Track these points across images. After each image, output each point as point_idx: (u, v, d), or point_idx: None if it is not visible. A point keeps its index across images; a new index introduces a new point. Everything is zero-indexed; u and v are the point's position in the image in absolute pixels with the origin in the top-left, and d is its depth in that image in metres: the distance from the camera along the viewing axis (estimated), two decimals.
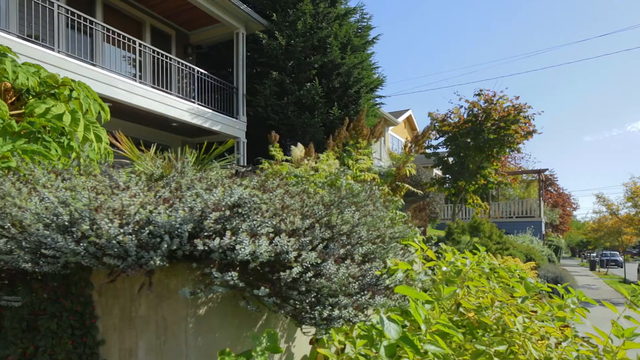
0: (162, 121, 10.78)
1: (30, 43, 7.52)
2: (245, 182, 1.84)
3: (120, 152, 3.57)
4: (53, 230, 1.51)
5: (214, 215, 1.53)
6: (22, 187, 1.78)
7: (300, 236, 1.77)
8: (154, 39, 11.44)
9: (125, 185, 1.66)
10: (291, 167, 3.71)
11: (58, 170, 2.34)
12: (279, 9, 11.26)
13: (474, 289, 3.65)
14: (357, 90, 12.57)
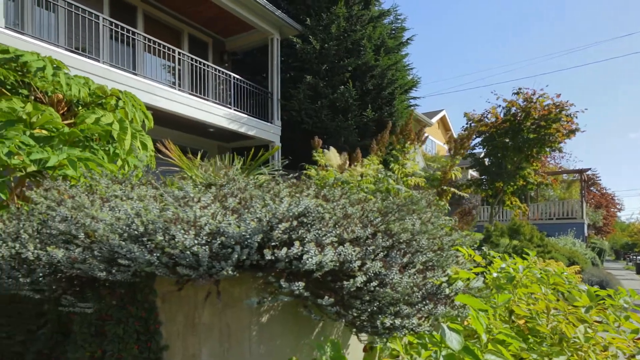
0: (199, 127, 11.03)
1: (78, 55, 7.85)
2: (311, 192, 1.85)
3: (170, 159, 3.67)
4: (126, 241, 1.56)
5: (283, 226, 1.54)
6: (96, 198, 1.85)
7: (361, 245, 1.76)
8: (192, 47, 11.72)
9: (197, 197, 1.69)
10: (337, 172, 3.71)
11: (119, 180, 2.42)
12: (312, 14, 11.31)
13: (523, 295, 3.53)
14: (391, 92, 12.47)
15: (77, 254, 1.65)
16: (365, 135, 12.98)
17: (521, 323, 3.35)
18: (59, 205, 1.77)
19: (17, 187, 4.08)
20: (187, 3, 10.68)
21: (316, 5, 11.29)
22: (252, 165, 3.66)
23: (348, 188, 3.14)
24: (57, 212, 1.69)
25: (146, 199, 2.13)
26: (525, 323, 3.35)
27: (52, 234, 1.79)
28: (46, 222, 1.76)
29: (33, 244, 1.63)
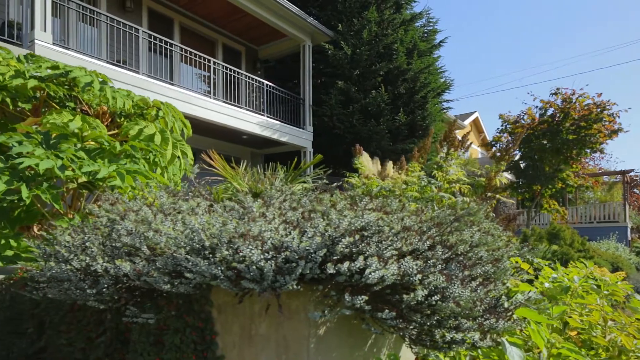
0: (233, 134, 11.21)
1: (118, 67, 8.13)
2: (371, 205, 1.84)
3: (214, 169, 3.74)
4: (190, 254, 1.59)
5: (346, 241, 1.54)
6: (156, 211, 1.90)
7: (420, 257, 1.74)
8: (226, 56, 11.95)
9: (260, 212, 1.71)
10: (378, 179, 3.68)
11: (172, 191, 2.48)
12: (344, 19, 11.34)
13: (575, 306, 3.40)
14: (424, 96, 12.32)
15: (141, 266, 1.69)
16: (397, 139, 12.88)
17: (573, 335, 3.22)
18: (122, 219, 1.83)
19: (76, 199, 4.25)
20: (222, 14, 10.91)
21: (347, 11, 11.31)
22: (294, 173, 3.68)
23: (393, 197, 3.11)
24: (122, 226, 1.74)
25: (200, 210, 2.18)
26: (577, 335, 3.22)
27: (115, 246, 1.85)
28: (110, 235, 1.82)
29: (102, 257, 1.69)
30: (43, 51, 6.71)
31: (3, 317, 3.08)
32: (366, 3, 11.28)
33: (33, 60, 5.82)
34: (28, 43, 6.68)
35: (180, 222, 1.80)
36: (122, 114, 6.11)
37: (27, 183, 3.52)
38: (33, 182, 3.57)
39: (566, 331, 3.25)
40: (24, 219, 3.94)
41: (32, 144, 3.71)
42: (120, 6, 9.30)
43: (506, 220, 3.87)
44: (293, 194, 3.04)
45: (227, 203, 1.86)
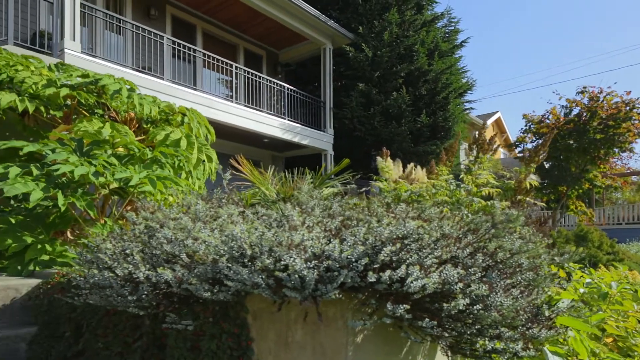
0: (254, 138, 11.30)
1: (143, 74, 8.29)
2: (413, 214, 1.83)
3: (242, 174, 3.77)
4: (231, 262, 1.61)
5: (388, 250, 1.53)
6: (193, 218, 1.93)
7: (457, 265, 1.71)
8: (247, 61, 12.07)
9: (301, 220, 1.72)
10: (406, 183, 3.65)
11: (205, 197, 2.51)
12: (364, 21, 11.31)
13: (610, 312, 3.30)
14: (446, 96, 12.20)
15: (181, 274, 1.72)
16: (418, 141, 12.77)
17: (609, 341, 3.13)
18: (162, 226, 1.86)
19: (106, 204, 4.35)
20: (243, 19, 11.03)
21: (368, 13, 11.28)
22: (321, 178, 3.68)
23: (424, 202, 3.08)
24: (162, 234, 1.77)
25: (234, 217, 2.19)
26: (613, 341, 3.13)
27: (154, 254, 1.88)
28: (149, 242, 1.85)
29: (143, 265, 1.72)
30: (72, 60, 6.89)
31: (41, 321, 3.16)
32: (387, 5, 11.24)
33: (63, 69, 5.99)
34: (58, 52, 6.87)
35: (218, 230, 1.81)
36: (148, 119, 6.23)
37: (62, 190, 3.62)
38: (67, 189, 3.66)
39: (603, 338, 3.16)
40: (58, 224, 4.05)
41: (66, 151, 3.81)
42: (145, 14, 9.50)
43: (538, 223, 3.79)
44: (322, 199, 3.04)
45: (265, 211, 1.87)
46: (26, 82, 5.08)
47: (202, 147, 6.02)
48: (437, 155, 13.36)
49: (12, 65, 5.33)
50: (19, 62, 5.43)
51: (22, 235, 3.76)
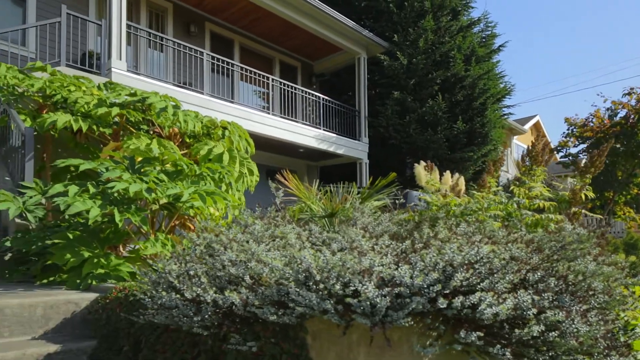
0: (289, 148, 11.41)
1: (183, 89, 8.54)
2: (480, 237, 1.79)
3: (288, 189, 3.81)
4: (297, 285, 1.62)
5: (461, 276, 1.50)
6: (254, 238, 1.96)
7: (527, 288, 1.66)
8: (282, 72, 12.24)
9: (367, 244, 1.71)
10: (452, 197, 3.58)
11: (259, 215, 2.55)
12: (399, 29, 11.27)
13: None
14: (483, 102, 11.96)
15: (246, 296, 1.74)
16: (455, 148, 12.55)
17: None
18: (226, 248, 1.90)
19: (155, 218, 4.49)
20: (279, 32, 11.21)
21: (403, 21, 11.23)
22: (369, 191, 3.67)
23: (476, 217, 3.01)
24: (227, 257, 1.80)
25: (292, 236, 2.21)
26: None
27: (218, 275, 1.91)
28: (214, 265, 1.89)
29: (210, 288, 1.75)
30: (118, 78, 7.18)
31: (100, 334, 3.27)
32: (422, 12, 11.15)
33: (111, 88, 6.25)
34: (105, 71, 7.18)
35: (281, 250, 1.83)
36: (191, 134, 6.40)
37: (116, 206, 3.76)
38: (121, 205, 3.80)
39: None
40: (112, 239, 4.20)
41: (120, 169, 3.96)
42: (185, 31, 9.81)
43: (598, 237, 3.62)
44: (371, 215, 3.02)
45: (327, 234, 1.87)
46: (79, 102, 5.33)
47: (244, 160, 6.12)
48: (474, 162, 13.08)
49: (65, 86, 5.60)
50: (72, 82, 5.71)
51: (80, 250, 3.92)
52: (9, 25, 7.30)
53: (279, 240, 2.05)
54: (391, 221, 2.45)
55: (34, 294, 3.43)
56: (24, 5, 7.62)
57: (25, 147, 4.88)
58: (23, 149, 4.94)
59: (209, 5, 9.94)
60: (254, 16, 10.36)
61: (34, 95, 5.64)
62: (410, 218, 3.03)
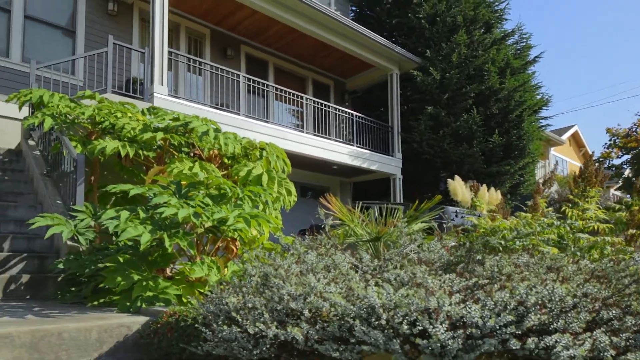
0: (323, 165, 11.46)
1: (220, 110, 8.76)
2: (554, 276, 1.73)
3: (331, 212, 3.82)
4: (362, 324, 1.61)
5: (536, 318, 1.45)
6: (314, 269, 1.97)
7: (600, 326, 1.59)
8: (315, 91, 12.39)
9: (434, 281, 1.69)
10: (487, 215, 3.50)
11: (311, 244, 2.56)
12: (432, 45, 11.23)
13: None
14: (519, 114, 11.71)
15: (306, 331, 1.74)
16: (491, 161, 12.30)
17: None
18: (284, 281, 1.91)
19: (200, 242, 4.59)
20: (312, 52, 11.39)
21: (435, 37, 11.20)
22: (414, 214, 3.63)
23: (529, 241, 2.92)
24: (286, 291, 1.82)
25: (344, 264, 2.20)
26: None
27: (275, 308, 1.93)
28: (272, 298, 1.91)
29: (272, 322, 1.76)
30: (160, 102, 7.44)
31: (152, 358, 3.33)
32: (454, 27, 11.10)
33: (154, 112, 6.48)
34: (148, 96, 7.46)
35: (339, 285, 1.83)
36: (229, 155, 6.53)
37: (165, 230, 3.87)
38: (169, 230, 3.91)
39: None
40: (160, 262, 4.31)
41: (167, 194, 4.09)
42: (222, 54, 10.11)
43: None
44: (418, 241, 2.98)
45: (390, 274, 1.85)
46: (125, 128, 5.55)
47: (282, 180, 6.18)
48: (511, 175, 12.77)
49: (112, 112, 5.85)
50: (118, 109, 5.96)
51: (130, 273, 4.04)
52: (60, 55, 7.73)
53: (334, 271, 2.06)
54: (443, 247, 2.41)
55: (88, 317, 3.54)
56: (73, 37, 8.06)
57: (76, 172, 5.10)
58: (74, 174, 5.16)
59: (245, 30, 10.23)
60: (289, 38, 10.58)
61: (84, 122, 5.91)
62: (461, 240, 2.98)
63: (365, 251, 3.36)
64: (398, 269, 2.19)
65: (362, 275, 2.17)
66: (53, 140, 5.99)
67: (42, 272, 4.89)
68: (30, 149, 6.55)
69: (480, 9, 11.23)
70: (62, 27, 8.06)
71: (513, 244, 2.92)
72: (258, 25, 9.99)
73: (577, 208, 3.23)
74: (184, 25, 9.52)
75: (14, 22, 7.49)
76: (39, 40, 7.81)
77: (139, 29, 8.83)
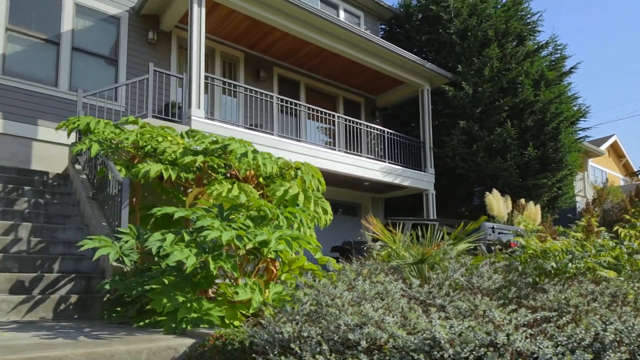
0: (354, 182, 11.45)
1: (254, 131, 8.93)
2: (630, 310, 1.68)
3: (373, 234, 3.81)
4: (424, 357, 1.59)
5: (616, 357, 1.40)
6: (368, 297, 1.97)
7: None
8: (346, 109, 12.48)
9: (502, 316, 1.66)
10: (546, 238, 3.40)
11: (357, 269, 2.56)
12: (463, 59, 11.17)
13: None
14: (556, 126, 11.42)
15: None
16: (526, 175, 12.01)
17: None
18: (340, 311, 1.92)
19: (242, 264, 4.65)
20: (343, 71, 11.52)
21: (466, 51, 11.13)
22: (458, 237, 3.58)
23: (584, 264, 2.83)
24: (343, 321, 1.82)
25: (393, 295, 2.19)
26: None
27: (331, 338, 1.93)
28: (328, 327, 1.91)
29: (331, 354, 1.76)
30: (197, 125, 7.65)
31: None
32: (486, 41, 11.01)
33: (192, 135, 6.67)
34: (186, 119, 7.69)
35: (397, 316, 1.82)
36: (265, 175, 6.63)
37: (209, 253, 3.95)
38: (213, 252, 3.99)
39: None
40: (203, 283, 4.39)
41: (210, 216, 4.18)
42: (255, 76, 10.36)
43: None
44: (466, 264, 2.93)
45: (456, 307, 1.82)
46: (167, 152, 5.74)
47: (318, 200, 6.21)
48: (548, 188, 12.40)
49: (154, 137, 6.06)
50: (159, 133, 6.17)
51: (175, 295, 4.13)
52: (104, 82, 8.11)
53: (387, 299, 2.05)
54: (496, 272, 2.36)
55: (136, 339, 3.62)
56: (116, 65, 8.45)
57: (121, 195, 5.28)
58: (119, 197, 5.34)
59: (277, 52, 10.47)
60: (319, 58, 10.75)
61: (127, 146, 6.14)
62: (510, 262, 2.91)
63: (409, 273, 3.33)
64: (450, 295, 2.16)
65: (412, 303, 2.15)
66: (99, 165, 6.24)
67: (88, 292, 5.04)
68: (77, 173, 6.84)
69: (512, 22, 11.11)
70: (105, 57, 8.47)
71: (565, 267, 2.83)
72: (290, 47, 10.21)
73: (636, 229, 3.10)
74: (219, 50, 9.83)
75: (62, 54, 7.94)
76: (84, 69, 8.23)
77: (176, 55, 9.18)
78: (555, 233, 3.60)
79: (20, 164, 7.33)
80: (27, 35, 7.75)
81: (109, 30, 8.49)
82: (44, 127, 7.65)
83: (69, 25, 8.07)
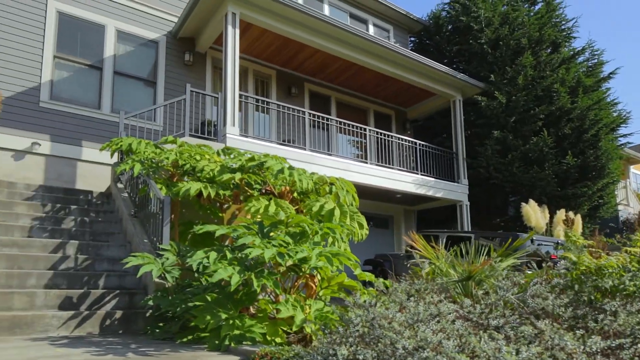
0: (386, 194, 11.36)
1: (286, 146, 9.02)
2: None
3: (416, 251, 3.77)
4: None
5: None
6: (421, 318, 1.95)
7: None
8: (377, 121, 12.48)
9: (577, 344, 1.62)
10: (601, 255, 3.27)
11: (407, 289, 2.54)
12: (495, 69, 11.01)
13: None
14: (595, 133, 11.05)
15: None
16: (565, 184, 11.63)
17: None
18: (397, 334, 1.91)
19: (282, 281, 4.69)
20: (372, 84, 11.55)
21: (499, 61, 10.97)
22: (505, 252, 3.50)
23: None
24: (401, 345, 1.81)
25: (446, 316, 2.15)
26: None
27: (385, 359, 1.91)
28: (384, 350, 1.90)
29: None
30: (232, 142, 7.81)
31: None
32: (519, 49, 10.83)
33: (228, 153, 6.81)
34: (221, 137, 7.86)
35: (455, 341, 1.79)
36: (300, 191, 6.67)
37: (251, 270, 3.99)
38: (255, 269, 4.03)
39: None
40: (245, 300, 4.44)
41: (251, 234, 4.24)
42: (286, 93, 10.52)
43: None
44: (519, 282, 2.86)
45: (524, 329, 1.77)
46: (205, 170, 5.87)
47: (354, 215, 6.20)
48: (589, 197, 11.96)
49: (192, 155, 6.22)
50: (197, 152, 6.32)
51: (218, 311, 4.18)
52: (143, 104, 8.43)
53: (443, 322, 2.02)
54: (552, 291, 2.29)
55: (182, 355, 3.68)
56: (154, 87, 8.77)
57: (163, 213, 5.42)
58: (160, 215, 5.48)
59: (308, 68, 10.62)
60: (349, 73, 10.83)
61: (167, 165, 6.33)
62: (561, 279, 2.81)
63: (454, 290, 3.28)
64: (505, 317, 2.11)
65: (466, 324, 2.11)
66: (140, 183, 6.43)
67: (132, 308, 5.16)
68: (119, 192, 7.08)
69: (546, 29, 10.90)
70: (144, 79, 8.81)
71: (622, 284, 2.72)
72: (320, 62, 10.33)
73: None
74: (252, 69, 10.05)
75: (105, 78, 8.31)
76: (124, 92, 8.58)
77: (211, 75, 9.44)
78: (606, 247, 3.47)
79: (66, 183, 7.66)
80: (73, 62, 8.15)
81: (148, 53, 8.84)
82: (87, 148, 7.98)
83: (110, 50, 8.46)
